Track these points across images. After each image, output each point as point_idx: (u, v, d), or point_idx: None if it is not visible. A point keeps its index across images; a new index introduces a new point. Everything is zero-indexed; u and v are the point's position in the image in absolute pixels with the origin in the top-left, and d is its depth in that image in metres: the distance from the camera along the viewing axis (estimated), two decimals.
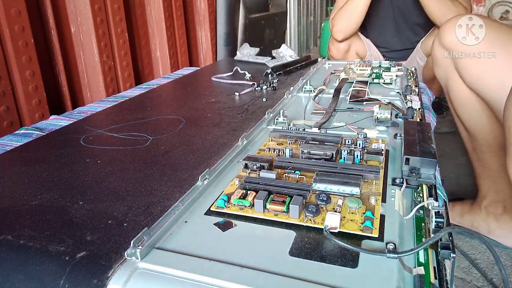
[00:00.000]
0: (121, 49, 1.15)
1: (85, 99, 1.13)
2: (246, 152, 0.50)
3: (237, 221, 0.34)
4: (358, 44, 1.48)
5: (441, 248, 0.29)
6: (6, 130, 0.86)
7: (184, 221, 0.35)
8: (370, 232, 0.32)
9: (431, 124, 0.56)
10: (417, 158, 0.40)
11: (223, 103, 0.73)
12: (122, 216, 0.35)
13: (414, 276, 0.28)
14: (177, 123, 0.61)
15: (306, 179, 0.40)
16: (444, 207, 0.33)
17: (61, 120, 0.73)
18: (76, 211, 0.36)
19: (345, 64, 0.95)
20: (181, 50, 1.44)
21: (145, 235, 0.30)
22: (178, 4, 1.40)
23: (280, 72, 0.95)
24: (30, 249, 0.31)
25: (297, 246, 0.31)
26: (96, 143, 0.54)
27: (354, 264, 0.28)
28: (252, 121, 0.60)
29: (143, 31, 1.32)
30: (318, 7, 3.58)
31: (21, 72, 0.87)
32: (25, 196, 0.40)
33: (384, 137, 0.52)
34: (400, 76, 0.83)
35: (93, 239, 0.32)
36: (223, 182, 0.42)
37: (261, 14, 1.86)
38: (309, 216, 0.33)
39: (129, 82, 1.19)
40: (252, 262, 0.29)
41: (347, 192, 0.37)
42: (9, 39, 0.85)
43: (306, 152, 0.46)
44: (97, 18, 1.05)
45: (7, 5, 0.83)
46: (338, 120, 0.59)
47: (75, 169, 0.46)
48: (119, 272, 0.28)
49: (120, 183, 0.42)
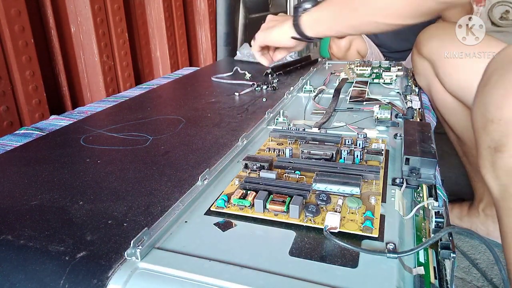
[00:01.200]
0: (121, 49, 1.15)
1: (85, 99, 1.13)
2: (246, 152, 0.50)
3: (237, 221, 0.34)
4: (359, 42, 1.47)
5: (441, 248, 0.29)
6: (6, 130, 0.86)
7: (184, 221, 0.35)
8: (370, 232, 0.32)
9: (431, 124, 0.56)
10: (417, 158, 0.40)
11: (223, 103, 0.73)
12: (122, 216, 0.35)
13: (414, 276, 0.28)
14: (177, 123, 0.61)
15: (306, 179, 0.40)
16: (444, 207, 0.33)
17: (61, 120, 0.73)
18: (76, 211, 0.36)
19: (345, 64, 0.95)
20: (181, 50, 1.44)
21: (145, 235, 0.30)
22: (178, 4, 1.40)
23: (280, 72, 0.95)
24: (30, 249, 0.31)
25: (297, 246, 0.31)
26: (96, 143, 0.54)
27: (354, 264, 0.28)
28: (252, 121, 0.60)
29: (143, 31, 1.32)
30: None
31: (21, 72, 0.87)
32: (25, 196, 0.40)
33: (384, 137, 0.52)
34: (400, 76, 0.83)
35: (93, 239, 0.32)
36: (223, 182, 0.42)
37: (261, 14, 1.86)
38: (309, 216, 0.33)
39: (129, 82, 1.19)
40: (252, 262, 0.29)
41: (347, 192, 0.37)
42: (9, 39, 0.85)
43: (306, 152, 0.46)
44: (97, 18, 1.05)
45: (7, 5, 0.83)
46: (338, 120, 0.59)
47: (75, 169, 0.46)
48: (119, 272, 0.28)
49: (120, 183, 0.42)
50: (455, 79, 0.77)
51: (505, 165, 0.45)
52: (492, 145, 0.46)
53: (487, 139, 0.47)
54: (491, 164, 0.47)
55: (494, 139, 0.46)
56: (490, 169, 0.47)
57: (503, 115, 0.45)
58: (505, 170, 0.45)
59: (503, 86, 0.45)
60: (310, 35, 0.65)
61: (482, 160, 0.49)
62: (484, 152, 0.48)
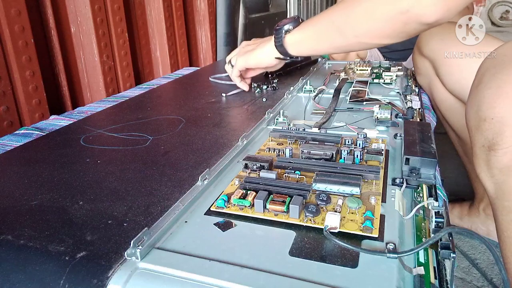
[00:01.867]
0: (121, 49, 1.15)
1: (85, 99, 1.13)
2: (246, 152, 0.50)
3: (237, 221, 0.34)
4: None
5: (441, 248, 0.29)
6: (6, 130, 0.86)
7: (184, 221, 0.35)
8: (370, 232, 0.32)
9: (431, 124, 0.56)
10: (417, 158, 0.40)
11: (223, 103, 0.73)
12: (122, 216, 0.35)
13: (414, 276, 0.28)
14: (177, 123, 0.61)
15: (306, 179, 0.40)
16: (444, 207, 0.33)
17: (61, 120, 0.73)
18: (76, 211, 0.36)
19: (345, 64, 0.95)
20: (181, 50, 1.44)
21: (145, 235, 0.30)
22: (178, 4, 1.40)
23: (280, 72, 0.95)
24: (30, 249, 0.31)
25: (297, 246, 0.31)
26: (96, 143, 0.54)
27: (354, 264, 0.28)
28: (252, 121, 0.60)
29: (143, 31, 1.32)
30: (318, 7, 3.58)
31: (21, 72, 0.87)
32: (25, 196, 0.40)
33: (384, 137, 0.52)
34: (400, 76, 0.83)
35: (93, 239, 0.32)
36: (223, 182, 0.42)
37: (261, 14, 1.86)
38: (309, 216, 0.33)
39: (129, 82, 1.19)
40: (252, 262, 0.29)
41: (347, 192, 0.37)
42: (9, 39, 0.85)
43: (306, 152, 0.46)
44: (97, 18, 1.05)
45: (7, 5, 0.83)
46: (338, 120, 0.59)
47: (75, 169, 0.46)
48: (119, 272, 0.28)
49: (120, 183, 0.42)
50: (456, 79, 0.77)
51: (499, 163, 0.46)
52: (486, 144, 0.46)
53: (481, 138, 0.47)
54: (485, 163, 0.47)
55: (487, 138, 0.46)
56: (484, 168, 0.48)
57: (495, 114, 0.45)
58: (499, 168, 0.46)
59: (495, 85, 0.46)
60: (294, 54, 0.68)
61: (476, 159, 0.49)
62: (478, 151, 0.48)
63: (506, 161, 0.45)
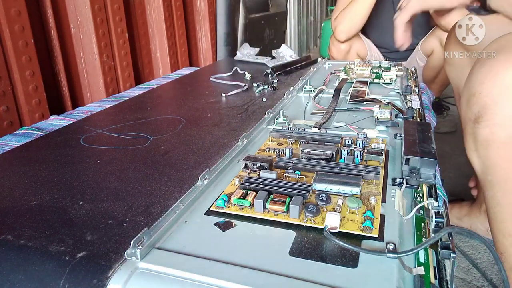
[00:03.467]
0: (121, 49, 1.15)
1: (85, 99, 1.13)
2: (246, 152, 0.50)
3: (237, 221, 0.34)
4: (358, 44, 1.47)
5: (441, 248, 0.29)
6: (6, 130, 0.86)
7: (184, 221, 0.35)
8: (370, 232, 0.32)
9: (431, 124, 0.56)
10: (417, 158, 0.40)
11: (223, 103, 0.73)
12: (122, 216, 0.35)
13: (414, 276, 0.28)
14: (177, 123, 0.61)
15: (306, 179, 0.40)
16: (444, 207, 0.33)
17: (61, 120, 0.73)
18: (76, 211, 0.36)
19: (345, 64, 0.95)
20: (181, 50, 1.44)
21: (145, 235, 0.30)
22: (178, 4, 1.40)
23: (280, 72, 0.95)
24: (30, 249, 0.31)
25: (297, 246, 0.31)
26: (96, 143, 0.54)
27: (354, 264, 0.28)
28: (252, 121, 0.60)
29: (143, 31, 1.32)
30: (318, 7, 3.58)
31: (21, 72, 0.87)
32: (25, 196, 0.40)
33: (384, 137, 0.52)
34: (400, 76, 0.83)
35: (93, 239, 0.32)
36: (223, 182, 0.42)
37: (261, 14, 1.86)
38: (309, 216, 0.33)
39: (129, 82, 1.19)
40: (252, 262, 0.29)
41: (347, 192, 0.37)
42: (9, 39, 0.85)
43: (306, 152, 0.46)
44: (97, 18, 1.05)
45: (7, 5, 0.83)
46: (338, 120, 0.59)
47: (75, 169, 0.46)
48: (119, 272, 0.28)
49: (120, 183, 0.42)
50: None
51: (482, 136, 0.48)
52: (472, 118, 0.49)
53: (470, 113, 0.49)
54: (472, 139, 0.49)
55: (473, 111, 0.48)
56: (472, 145, 0.50)
57: (483, 89, 0.47)
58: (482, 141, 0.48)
59: (488, 64, 0.48)
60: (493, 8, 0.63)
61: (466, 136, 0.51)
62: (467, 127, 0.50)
63: (486, 133, 0.47)
